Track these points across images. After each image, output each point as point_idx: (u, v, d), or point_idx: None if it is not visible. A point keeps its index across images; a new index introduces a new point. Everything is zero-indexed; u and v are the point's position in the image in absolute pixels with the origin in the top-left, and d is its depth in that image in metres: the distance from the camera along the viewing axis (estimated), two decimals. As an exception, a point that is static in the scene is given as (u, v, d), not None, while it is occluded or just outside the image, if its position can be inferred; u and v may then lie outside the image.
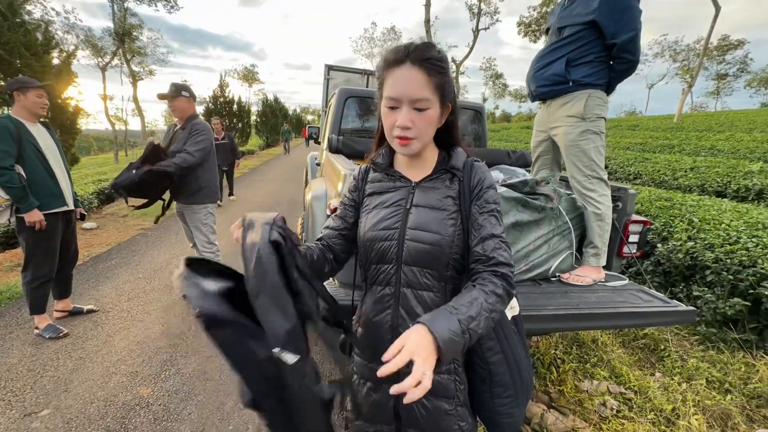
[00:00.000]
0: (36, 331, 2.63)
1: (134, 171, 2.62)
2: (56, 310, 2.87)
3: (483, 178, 0.89)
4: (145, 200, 2.85)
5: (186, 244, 4.25)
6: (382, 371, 0.62)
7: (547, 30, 2.16)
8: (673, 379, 2.22)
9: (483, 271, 0.81)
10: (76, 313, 2.93)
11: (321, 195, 2.19)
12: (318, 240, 0.98)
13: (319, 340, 2.19)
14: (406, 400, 0.60)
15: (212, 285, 0.68)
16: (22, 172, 2.40)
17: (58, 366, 2.31)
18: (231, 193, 7.71)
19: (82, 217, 2.94)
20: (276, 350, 0.62)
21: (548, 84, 2.01)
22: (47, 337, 2.59)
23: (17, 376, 2.21)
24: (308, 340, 0.72)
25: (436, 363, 0.65)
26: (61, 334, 2.62)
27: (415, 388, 0.60)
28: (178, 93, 2.90)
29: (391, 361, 0.63)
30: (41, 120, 2.64)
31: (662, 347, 2.57)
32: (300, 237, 2.98)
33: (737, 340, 2.47)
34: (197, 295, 0.60)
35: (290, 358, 0.63)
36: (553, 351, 2.49)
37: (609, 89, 1.98)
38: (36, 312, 2.62)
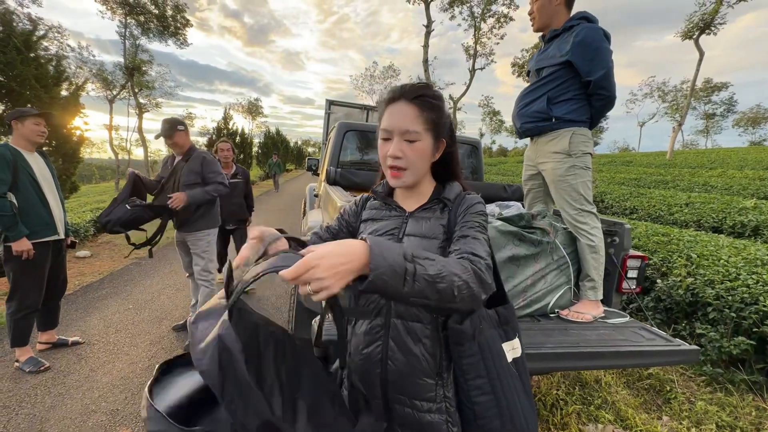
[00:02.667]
0: (16, 364, 2.52)
1: (128, 207, 2.61)
2: (40, 342, 2.77)
3: (470, 204, 0.90)
4: (144, 240, 2.86)
5: (181, 273, 4.17)
6: (282, 274, 0.57)
7: (528, 72, 2.28)
8: (681, 424, 2.12)
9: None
10: (60, 345, 2.83)
11: (317, 226, 2.19)
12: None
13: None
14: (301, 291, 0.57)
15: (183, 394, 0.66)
16: (14, 200, 2.38)
17: (36, 402, 2.20)
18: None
19: (72, 245, 2.87)
20: None
21: (533, 120, 2.09)
22: (27, 370, 2.47)
23: (-10, 414, 2.09)
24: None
25: (359, 279, 0.60)
26: (41, 368, 2.50)
27: (309, 291, 0.56)
28: (174, 128, 2.83)
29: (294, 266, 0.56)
30: (39, 149, 2.65)
31: (668, 388, 2.47)
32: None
33: (746, 382, 2.39)
34: None
35: None
36: (555, 391, 2.39)
37: (592, 124, 2.06)
38: (18, 344, 2.52)
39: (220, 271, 3.87)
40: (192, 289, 3.16)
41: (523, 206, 2.27)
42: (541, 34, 2.16)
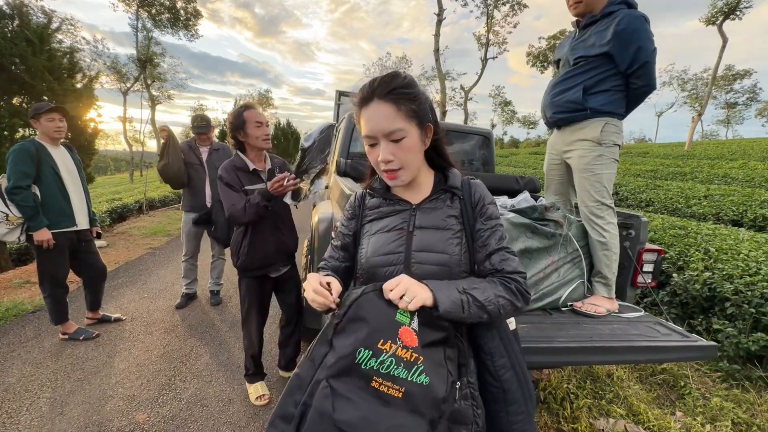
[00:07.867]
0: (63, 336, 2.78)
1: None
2: (87, 318, 3.06)
3: (483, 195, 0.92)
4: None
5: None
6: (387, 291, 0.77)
7: (557, 62, 2.18)
8: (695, 420, 2.08)
9: (495, 278, 0.86)
10: (104, 320, 3.10)
11: (327, 218, 2.18)
12: (321, 269, 0.99)
13: None
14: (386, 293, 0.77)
15: None
16: (38, 193, 2.50)
17: (56, 387, 2.27)
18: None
19: (98, 236, 3.02)
20: None
21: (565, 111, 2.01)
22: (81, 339, 2.78)
23: (14, 397, 2.17)
24: None
25: (431, 308, 0.76)
26: (93, 336, 2.83)
27: (398, 297, 0.75)
28: (210, 124, 3.45)
29: (392, 289, 0.75)
30: (64, 143, 2.77)
31: (682, 384, 2.42)
32: (305, 259, 2.94)
33: (764, 379, 2.33)
34: None
35: None
36: (565, 385, 2.37)
37: (627, 112, 1.99)
38: (59, 321, 2.76)
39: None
40: (187, 271, 3.55)
41: (536, 199, 2.23)
42: (575, 19, 2.05)
